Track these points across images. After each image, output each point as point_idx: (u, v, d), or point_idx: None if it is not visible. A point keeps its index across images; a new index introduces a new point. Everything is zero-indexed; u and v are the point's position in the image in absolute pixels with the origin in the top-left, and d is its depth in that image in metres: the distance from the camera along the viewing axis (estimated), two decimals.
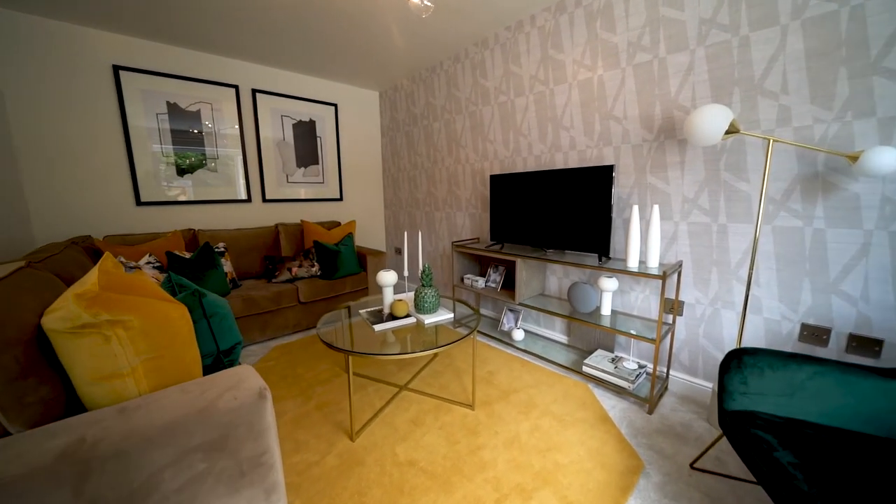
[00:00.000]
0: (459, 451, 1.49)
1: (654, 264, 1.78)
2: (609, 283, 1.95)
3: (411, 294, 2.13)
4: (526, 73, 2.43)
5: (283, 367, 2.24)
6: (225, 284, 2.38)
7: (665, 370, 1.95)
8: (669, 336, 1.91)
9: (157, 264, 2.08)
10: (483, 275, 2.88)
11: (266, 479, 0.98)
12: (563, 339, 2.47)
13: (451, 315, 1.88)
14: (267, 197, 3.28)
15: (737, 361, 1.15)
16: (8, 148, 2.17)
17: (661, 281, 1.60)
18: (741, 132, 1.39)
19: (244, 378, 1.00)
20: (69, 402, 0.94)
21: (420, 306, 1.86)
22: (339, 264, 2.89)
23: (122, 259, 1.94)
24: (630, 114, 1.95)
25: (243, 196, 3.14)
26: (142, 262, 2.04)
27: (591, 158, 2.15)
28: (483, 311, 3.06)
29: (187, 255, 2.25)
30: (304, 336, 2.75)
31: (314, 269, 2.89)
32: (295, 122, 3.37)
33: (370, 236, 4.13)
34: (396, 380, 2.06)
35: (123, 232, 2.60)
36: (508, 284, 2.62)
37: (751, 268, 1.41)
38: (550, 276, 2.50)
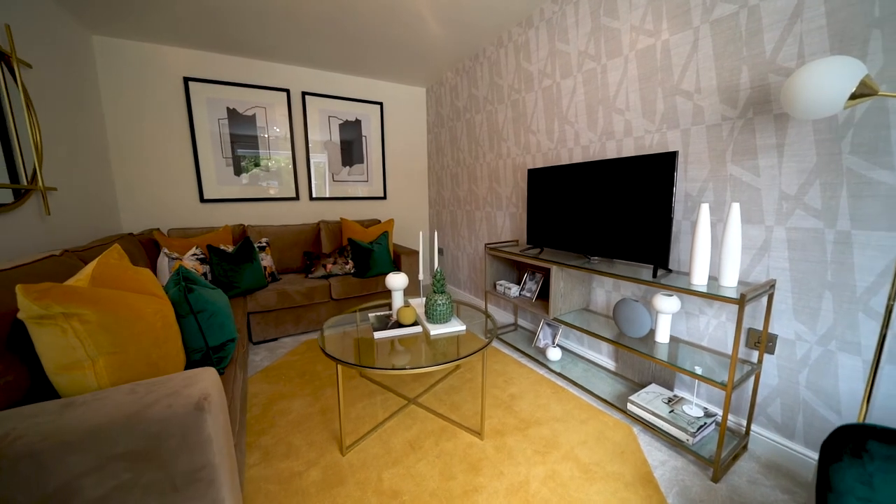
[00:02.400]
0: (452, 490, 1.27)
1: (730, 282, 1.34)
2: (667, 304, 1.53)
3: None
4: (574, 49, 2.08)
5: (305, 363, 2.26)
6: (261, 277, 2.50)
7: (744, 424, 1.47)
8: (753, 380, 1.43)
9: (201, 256, 2.25)
10: (519, 281, 2.58)
11: (205, 497, 0.90)
12: (610, 364, 2.06)
13: (463, 327, 1.66)
14: (314, 195, 3.41)
15: (855, 446, 0.74)
16: (105, 152, 2.56)
17: (739, 306, 1.17)
18: (880, 93, 0.92)
19: (193, 384, 0.93)
20: (42, 391, 0.97)
21: (430, 315, 1.68)
22: (372, 263, 2.85)
23: (166, 251, 2.13)
24: (705, 85, 1.51)
25: (292, 194, 3.31)
26: (188, 254, 2.23)
27: (652, 146, 1.73)
28: (521, 321, 2.75)
29: (229, 249, 2.40)
30: (333, 333, 2.76)
31: (348, 266, 2.90)
32: (341, 122, 3.45)
33: (414, 236, 4.07)
34: (408, 391, 1.92)
35: (188, 226, 2.91)
36: (546, 294, 2.29)
37: (892, 297, 0.94)
38: (597, 289, 2.11)
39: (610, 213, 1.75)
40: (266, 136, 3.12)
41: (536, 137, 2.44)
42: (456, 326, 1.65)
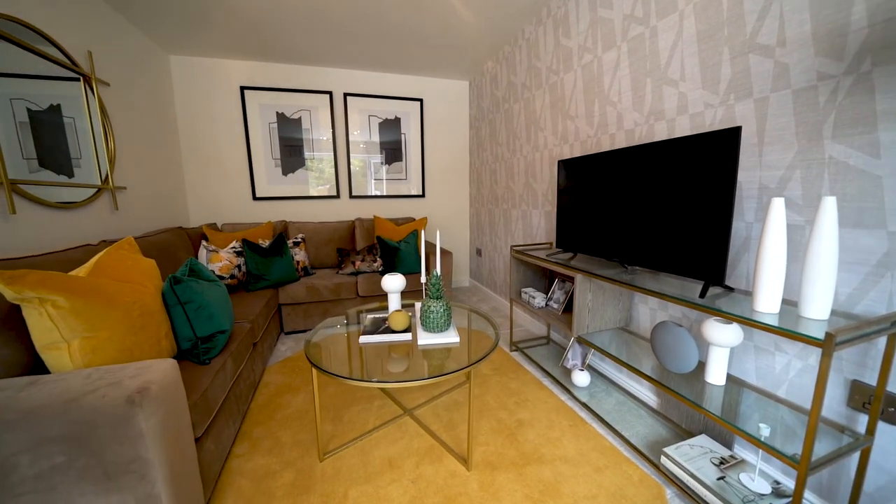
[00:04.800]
0: None
1: (816, 312, 0.92)
2: (722, 333, 1.15)
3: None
4: (618, 13, 1.72)
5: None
6: (292, 271, 2.61)
7: None
8: (858, 459, 0.98)
9: (239, 249, 2.43)
10: (548, 290, 2.27)
11: (136, 489, 0.88)
12: (652, 399, 1.66)
13: (456, 339, 1.47)
14: (353, 193, 3.50)
15: None
16: (177, 156, 2.95)
17: (823, 350, 0.78)
18: None
19: (139, 375, 0.93)
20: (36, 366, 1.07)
21: (424, 322, 1.53)
22: (398, 261, 2.80)
23: (205, 243, 2.34)
24: (792, 34, 1.08)
25: (333, 193, 3.43)
26: (228, 246, 2.42)
27: (713, 124, 1.33)
28: (555, 335, 2.43)
29: (264, 244, 2.55)
30: (332, 332, 2.77)
31: (376, 264, 2.89)
32: (381, 120, 3.47)
33: (452, 235, 3.94)
34: (407, 400, 1.79)
35: (241, 221, 3.20)
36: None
37: None
38: (639, 305, 1.72)
39: (651, 212, 1.39)
40: (310, 137, 3.28)
41: (574, 124, 2.10)
42: (449, 338, 1.47)
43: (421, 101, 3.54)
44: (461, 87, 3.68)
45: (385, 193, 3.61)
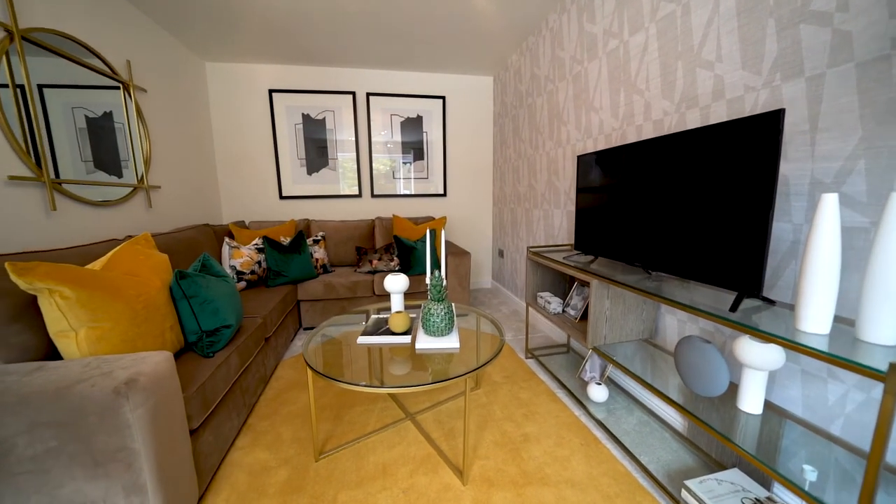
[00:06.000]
0: None
1: (879, 335, 0.75)
2: (757, 354, 0.98)
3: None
4: None
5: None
6: (310, 269, 2.66)
7: None
8: None
9: (260, 246, 2.52)
10: (566, 295, 2.12)
11: (123, 477, 0.91)
12: (678, 422, 1.48)
13: (456, 345, 1.39)
14: (375, 192, 3.53)
15: None
16: (212, 157, 3.13)
17: (886, 385, 0.62)
18: None
19: (132, 367, 0.95)
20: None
21: (425, 325, 1.47)
22: (413, 261, 2.77)
23: (227, 240, 2.44)
24: None
25: (355, 192, 3.48)
26: (251, 243, 2.52)
27: (756, 109, 1.14)
28: (576, 343, 2.27)
29: (285, 241, 2.63)
30: (336, 330, 2.78)
31: (392, 263, 2.88)
32: (403, 119, 3.46)
33: (474, 235, 3.85)
34: (411, 404, 1.74)
35: (267, 219, 3.33)
36: None
37: None
38: (666, 315, 1.55)
39: (676, 211, 1.23)
40: (334, 137, 3.34)
41: (599, 116, 1.94)
42: (448, 343, 1.40)
43: (443, 98, 3.49)
44: (485, 82, 3.58)
45: (406, 192, 3.60)
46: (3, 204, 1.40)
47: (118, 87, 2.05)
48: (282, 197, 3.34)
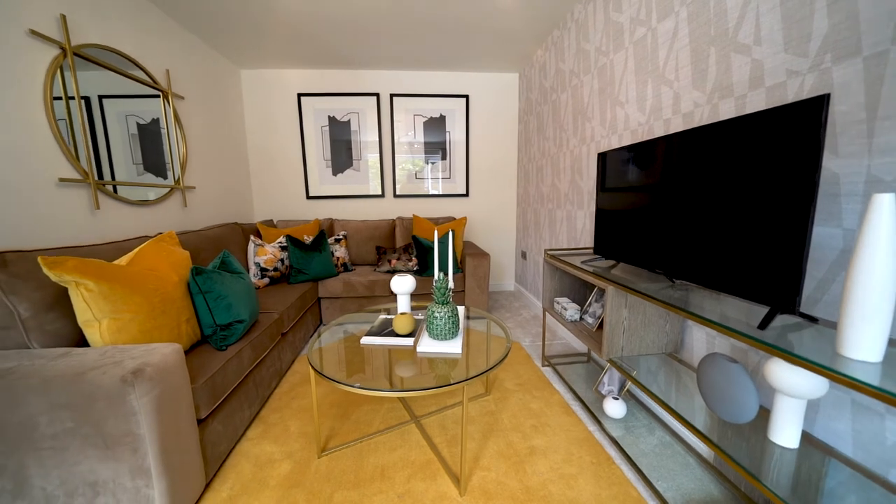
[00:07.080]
0: None
1: None
2: (792, 379, 0.85)
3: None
4: None
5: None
6: (330, 267, 2.73)
7: None
8: None
9: (284, 244, 2.62)
10: (584, 301, 1.99)
11: (129, 460, 0.96)
12: (704, 448, 1.33)
13: (458, 350, 1.35)
14: (397, 192, 3.55)
15: None
16: (245, 159, 3.31)
17: None
18: None
19: (141, 357, 1.01)
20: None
21: (429, 328, 1.44)
22: (431, 261, 2.75)
23: (252, 238, 2.55)
24: None
25: (378, 192, 3.53)
26: (275, 241, 2.63)
27: (802, 95, 0.99)
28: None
29: (308, 240, 2.71)
30: (344, 328, 2.80)
31: (411, 263, 2.88)
32: (426, 119, 3.46)
33: (497, 236, 3.76)
34: (417, 407, 1.72)
35: (294, 219, 3.46)
36: None
37: None
38: (692, 328, 1.40)
39: (702, 212, 1.10)
40: (358, 139, 3.41)
41: (625, 110, 1.81)
42: (450, 347, 1.36)
43: (467, 97, 3.44)
44: (510, 79, 3.49)
45: (428, 192, 3.59)
46: (54, 203, 1.55)
47: (158, 96, 2.21)
48: (308, 197, 3.46)
